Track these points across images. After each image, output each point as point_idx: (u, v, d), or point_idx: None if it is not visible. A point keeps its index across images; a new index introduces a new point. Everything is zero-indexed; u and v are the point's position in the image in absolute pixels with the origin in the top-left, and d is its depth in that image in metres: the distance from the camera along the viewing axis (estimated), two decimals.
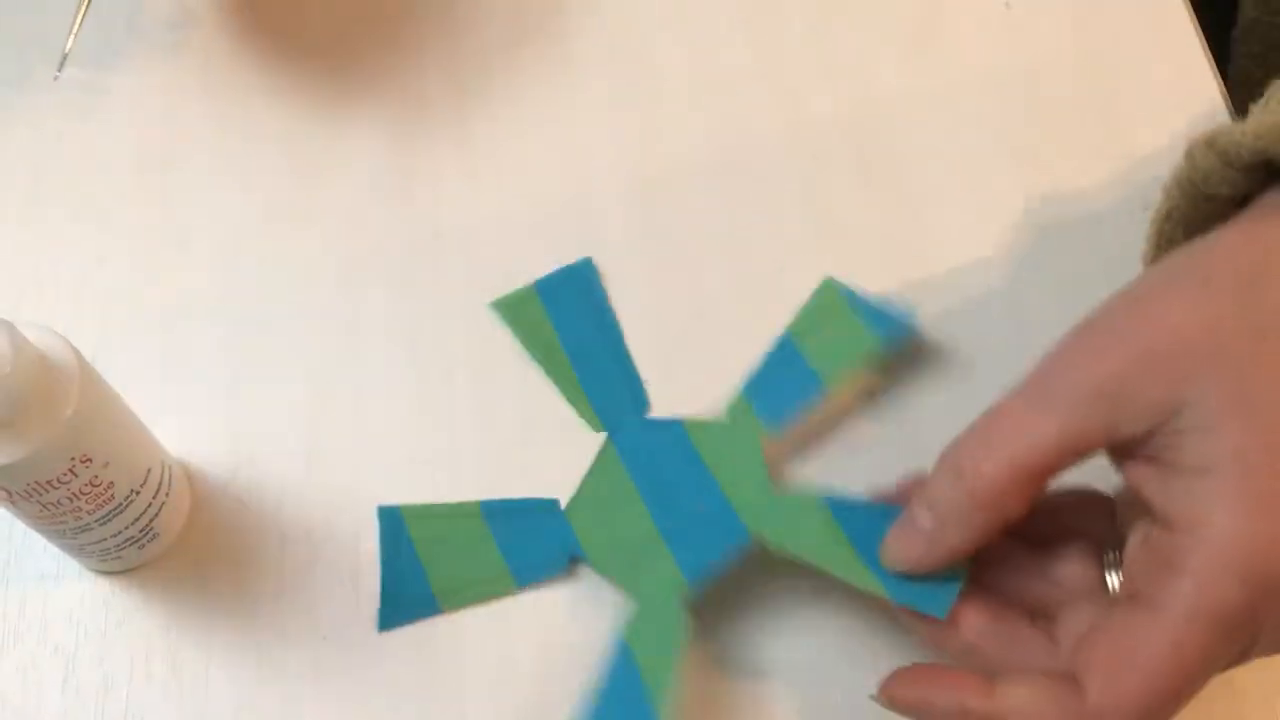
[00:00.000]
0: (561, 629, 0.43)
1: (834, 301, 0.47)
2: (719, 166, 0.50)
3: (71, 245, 0.49)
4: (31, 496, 0.37)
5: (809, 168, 0.50)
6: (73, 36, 0.49)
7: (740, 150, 0.50)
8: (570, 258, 0.48)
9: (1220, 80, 0.51)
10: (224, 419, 0.46)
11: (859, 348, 0.46)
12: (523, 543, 0.44)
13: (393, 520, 0.44)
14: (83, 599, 0.43)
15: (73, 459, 0.36)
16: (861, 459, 0.45)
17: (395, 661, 0.42)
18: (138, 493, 0.40)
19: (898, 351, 0.46)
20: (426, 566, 0.43)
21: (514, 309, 0.47)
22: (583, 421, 0.46)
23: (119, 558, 0.42)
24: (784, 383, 0.45)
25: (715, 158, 0.50)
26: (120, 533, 0.40)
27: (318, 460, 0.45)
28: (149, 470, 0.40)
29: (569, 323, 0.47)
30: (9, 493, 0.37)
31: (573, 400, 0.46)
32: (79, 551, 0.41)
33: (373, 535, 0.44)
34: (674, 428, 0.45)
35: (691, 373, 0.46)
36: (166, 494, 0.42)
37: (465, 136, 0.51)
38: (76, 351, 0.37)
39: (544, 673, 0.42)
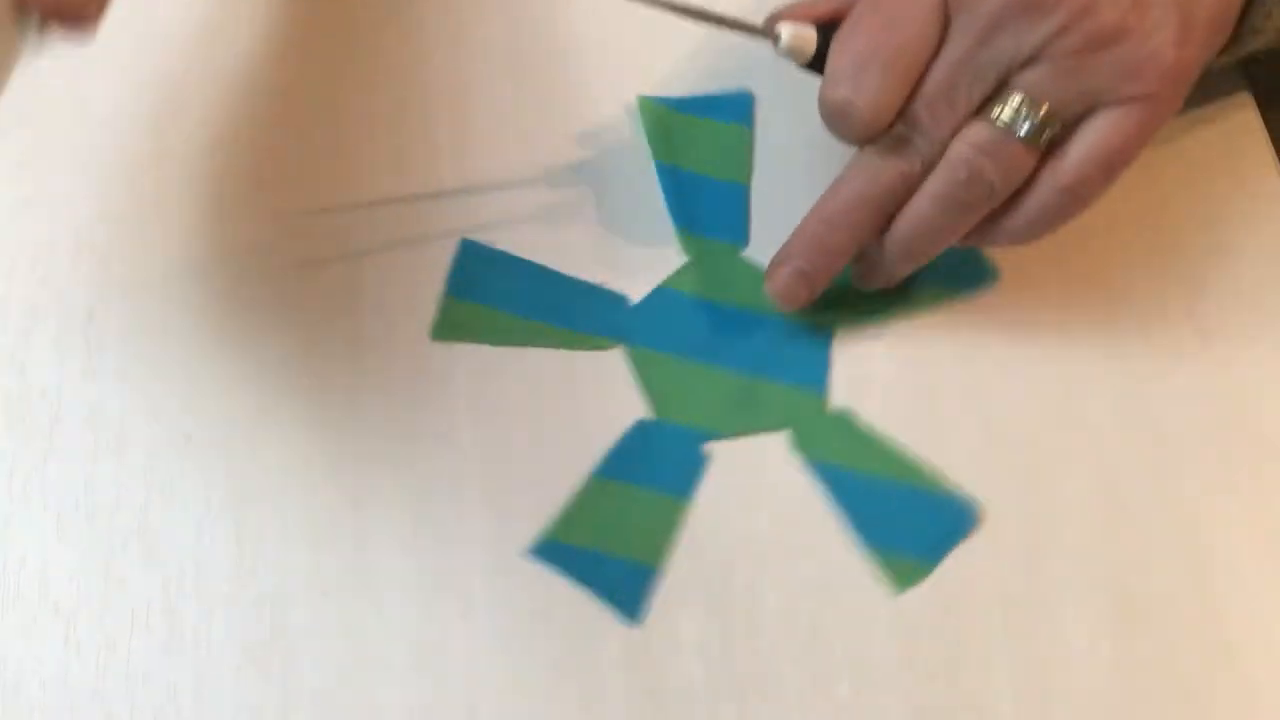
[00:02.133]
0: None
1: (664, 114, 0.49)
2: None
3: (71, 201, 0.49)
4: None
5: None
6: None
7: None
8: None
9: None
10: (225, 380, 0.46)
11: (733, 141, 0.49)
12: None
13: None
14: (84, 557, 0.43)
15: None
16: None
17: (392, 619, 0.42)
18: None
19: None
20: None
21: (449, 323, 0.46)
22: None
23: None
24: (704, 202, 0.48)
25: None
26: None
27: (316, 424, 0.45)
28: None
29: (501, 295, 0.47)
30: None
31: (565, 344, 0.46)
32: None
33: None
34: (664, 294, 0.47)
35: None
36: None
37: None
38: None
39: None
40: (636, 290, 0.47)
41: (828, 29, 0.42)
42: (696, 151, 0.49)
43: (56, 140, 0.50)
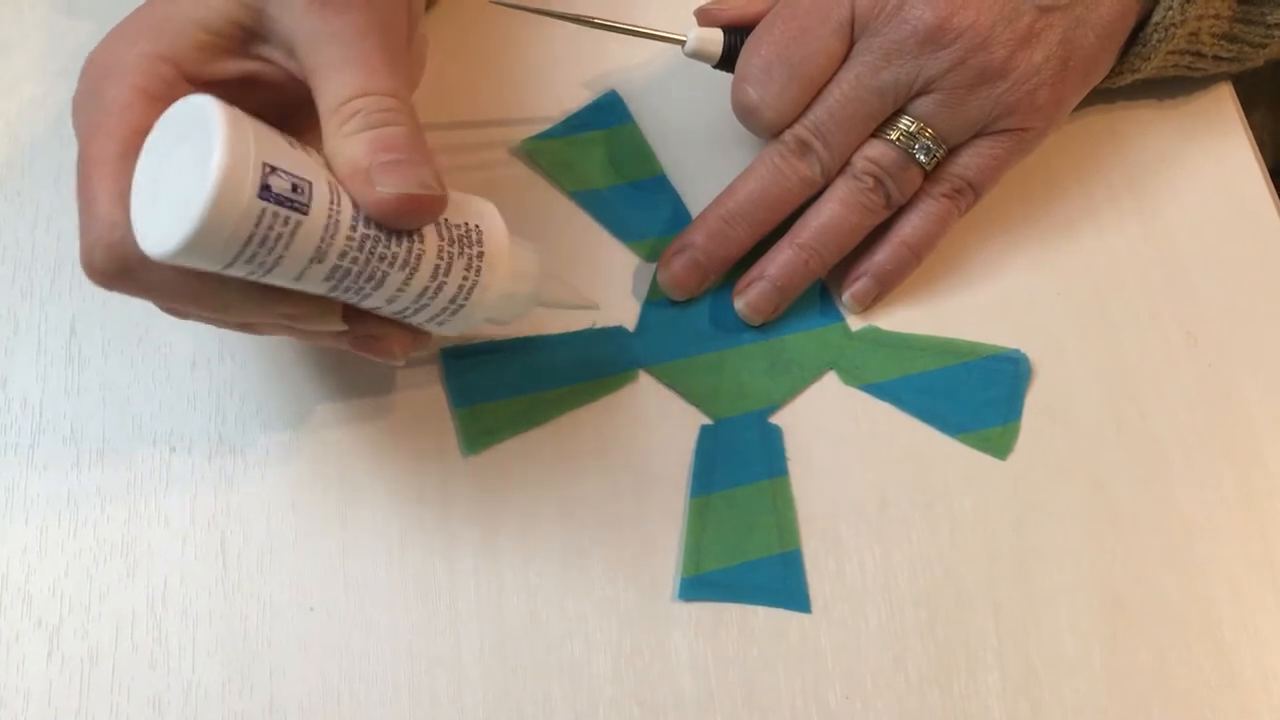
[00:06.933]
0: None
1: (553, 146, 0.49)
2: None
3: (52, 214, 0.48)
4: None
5: None
6: None
7: None
8: None
9: None
10: (208, 393, 0.45)
11: (626, 140, 0.49)
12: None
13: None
14: (66, 571, 0.43)
15: None
16: None
17: (379, 632, 0.42)
18: None
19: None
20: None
21: (473, 433, 0.45)
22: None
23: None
24: (635, 207, 0.48)
25: None
26: None
27: (301, 437, 0.45)
28: None
29: (506, 383, 0.46)
30: None
31: (593, 396, 0.46)
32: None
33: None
34: (656, 306, 0.47)
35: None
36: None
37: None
38: None
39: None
40: (627, 317, 0.47)
41: (738, 33, 0.46)
42: (601, 165, 0.49)
43: (37, 152, 0.49)
